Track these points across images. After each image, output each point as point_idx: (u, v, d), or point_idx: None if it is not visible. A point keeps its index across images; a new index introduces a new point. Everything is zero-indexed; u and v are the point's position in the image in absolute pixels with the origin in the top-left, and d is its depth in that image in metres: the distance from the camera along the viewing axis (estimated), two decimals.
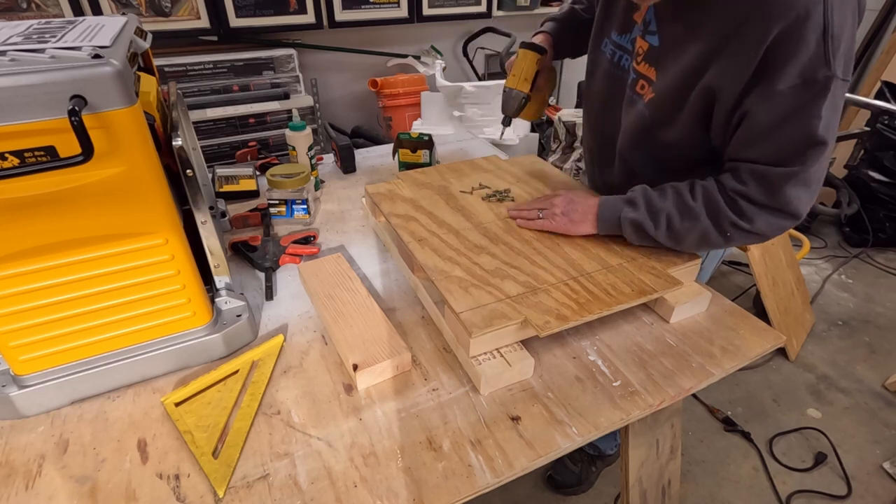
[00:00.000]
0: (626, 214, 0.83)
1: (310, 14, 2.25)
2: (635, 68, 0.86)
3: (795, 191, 0.73)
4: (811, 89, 0.66)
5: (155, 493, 0.59)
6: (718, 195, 0.77)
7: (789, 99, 0.67)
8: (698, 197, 0.79)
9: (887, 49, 2.85)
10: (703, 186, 0.79)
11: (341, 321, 0.79)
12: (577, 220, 0.88)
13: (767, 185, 0.73)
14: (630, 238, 0.85)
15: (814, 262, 2.60)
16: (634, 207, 0.82)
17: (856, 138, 2.50)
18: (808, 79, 0.66)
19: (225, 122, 2.17)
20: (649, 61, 0.83)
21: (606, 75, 0.95)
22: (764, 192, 0.74)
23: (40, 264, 0.60)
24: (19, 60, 0.52)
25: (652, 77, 0.83)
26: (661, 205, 0.81)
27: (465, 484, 0.60)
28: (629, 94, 0.89)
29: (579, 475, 1.50)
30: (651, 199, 0.82)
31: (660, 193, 0.82)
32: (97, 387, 0.70)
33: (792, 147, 0.70)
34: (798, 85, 0.66)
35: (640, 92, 0.86)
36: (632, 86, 0.88)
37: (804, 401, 1.83)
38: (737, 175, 0.76)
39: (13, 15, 1.84)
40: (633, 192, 0.85)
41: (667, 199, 0.81)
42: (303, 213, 1.10)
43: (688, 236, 0.80)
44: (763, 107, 0.69)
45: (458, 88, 1.87)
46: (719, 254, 1.07)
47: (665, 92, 0.81)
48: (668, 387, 0.72)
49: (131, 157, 0.58)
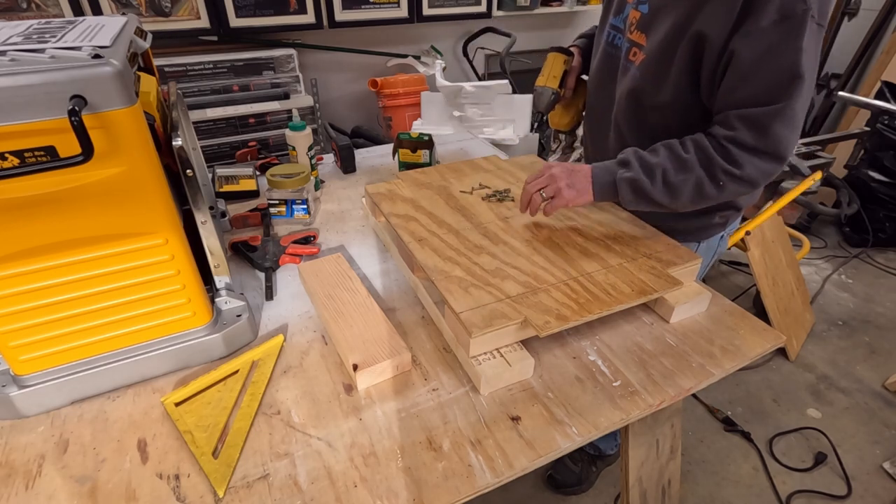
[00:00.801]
0: (621, 175, 0.83)
1: (310, 14, 2.25)
2: (628, 38, 0.92)
3: (782, 129, 0.76)
4: (790, 22, 0.71)
5: (155, 493, 0.59)
6: (709, 145, 0.80)
7: (771, 34, 0.72)
8: (690, 149, 0.81)
9: (887, 49, 2.85)
10: (693, 139, 0.82)
11: (341, 321, 0.79)
12: (581, 189, 0.86)
13: (756, 126, 0.76)
14: (627, 201, 0.84)
15: (814, 262, 2.60)
16: (628, 167, 0.83)
17: (856, 138, 2.50)
18: (786, 14, 0.70)
19: (225, 122, 2.17)
20: (640, 28, 0.88)
21: (602, 55, 1.01)
22: (753, 135, 0.76)
23: (40, 264, 0.60)
24: (19, 60, 0.52)
25: (642, 42, 0.88)
26: (654, 161, 0.82)
27: (465, 484, 0.60)
28: (623, 64, 0.94)
29: (580, 475, 1.51)
30: (643, 157, 0.83)
31: (651, 152, 0.84)
32: (97, 387, 0.70)
33: (776, 82, 0.74)
34: (778, 20, 0.71)
35: (632, 59, 0.91)
36: (625, 56, 0.93)
37: (804, 401, 1.83)
38: (726, 123, 0.79)
39: (13, 15, 1.84)
40: (625, 154, 0.85)
41: (659, 155, 0.82)
42: (303, 213, 1.10)
43: (684, 189, 0.81)
44: (747, 44, 0.73)
45: (458, 88, 1.87)
46: (712, 251, 1.09)
47: (655, 51, 0.85)
48: (668, 387, 0.72)
49: (131, 157, 0.58)
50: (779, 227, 2.10)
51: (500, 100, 1.91)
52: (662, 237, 0.91)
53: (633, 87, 0.91)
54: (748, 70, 0.75)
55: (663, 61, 0.84)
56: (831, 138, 2.35)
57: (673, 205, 0.84)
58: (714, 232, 1.06)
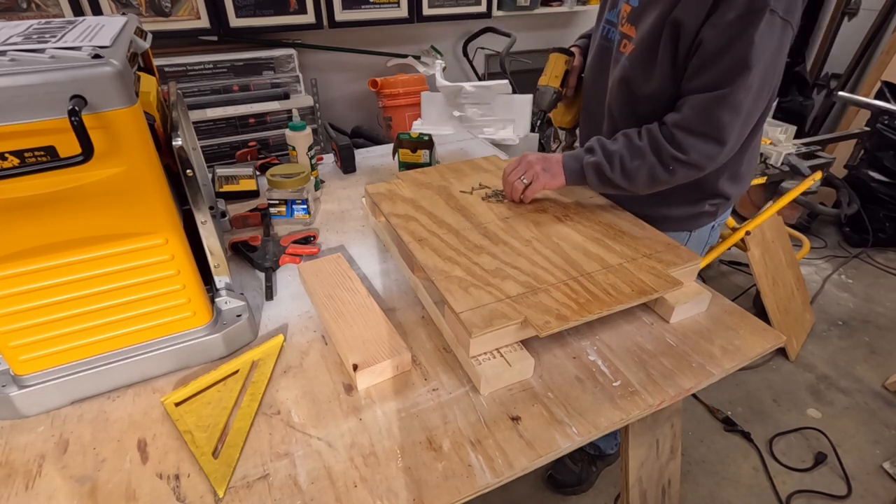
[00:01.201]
0: (587, 160, 0.92)
1: (310, 14, 2.25)
2: (620, 30, 0.96)
3: (724, 114, 0.81)
4: (751, 16, 0.76)
5: (155, 493, 0.59)
6: (659, 133, 0.87)
7: (734, 26, 0.77)
8: (644, 137, 0.88)
9: (887, 49, 2.85)
10: (648, 128, 0.89)
11: (341, 321, 0.79)
12: (555, 173, 0.96)
13: (700, 110, 0.82)
14: (593, 183, 0.94)
15: (814, 262, 2.60)
16: (592, 153, 0.92)
17: (856, 138, 2.50)
18: (751, 8, 0.76)
19: (225, 122, 2.17)
20: (630, 21, 0.92)
21: (597, 49, 1.05)
22: (697, 118, 0.83)
23: (40, 264, 0.60)
24: (19, 60, 0.52)
25: (632, 34, 0.92)
26: (613, 148, 0.90)
27: (465, 484, 0.60)
28: (615, 56, 0.98)
29: (580, 475, 1.51)
30: (605, 145, 0.92)
31: (612, 140, 0.92)
32: (97, 387, 0.70)
33: (725, 70, 0.79)
34: (742, 14, 0.76)
35: (623, 51, 0.95)
36: (617, 47, 0.97)
37: (804, 401, 1.83)
38: (678, 108, 0.86)
39: (13, 15, 1.83)
40: (591, 142, 0.94)
41: (618, 143, 0.91)
42: (303, 213, 1.10)
43: (639, 174, 0.89)
44: (713, 33, 0.79)
45: (458, 88, 1.87)
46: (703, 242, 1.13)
47: (642, 41, 0.89)
48: (668, 387, 0.72)
49: (131, 157, 0.58)
50: (779, 227, 2.10)
51: (500, 100, 1.91)
52: (662, 237, 0.91)
53: (623, 76, 0.95)
54: (708, 59, 0.80)
55: (649, 51, 0.88)
56: (831, 138, 2.34)
57: (631, 188, 0.91)
58: (705, 221, 1.09)
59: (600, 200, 1.04)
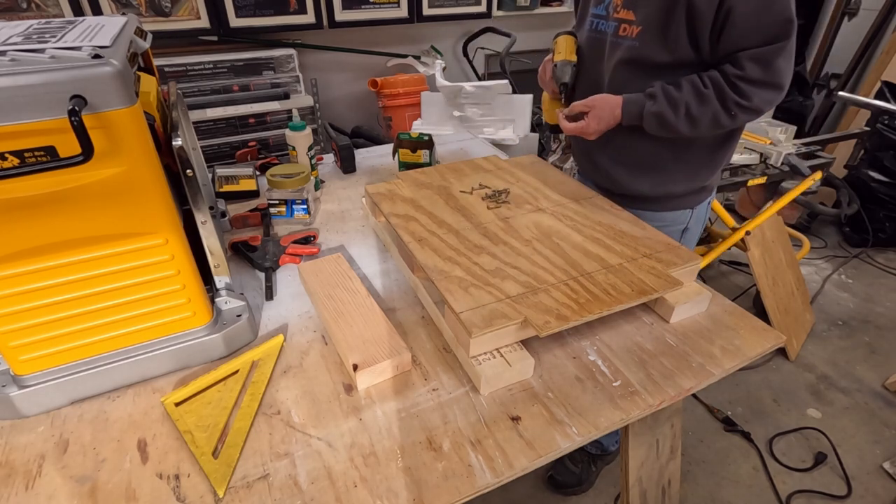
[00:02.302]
0: (648, 108, 0.95)
1: (310, 14, 2.25)
2: (615, 17, 0.99)
3: (783, 63, 0.89)
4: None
5: (155, 493, 0.59)
6: (723, 81, 0.91)
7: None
8: (709, 84, 0.92)
9: (887, 49, 2.85)
10: (710, 76, 0.92)
11: (341, 321, 0.79)
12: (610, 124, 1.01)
13: (762, 62, 0.88)
14: (651, 128, 0.97)
15: (814, 262, 2.60)
16: (654, 100, 0.95)
17: (856, 138, 2.50)
18: None
19: (225, 122, 2.17)
20: (626, 6, 0.96)
21: (587, 42, 1.09)
22: (760, 70, 0.88)
23: (40, 264, 0.60)
24: (19, 60, 0.52)
25: (631, 18, 0.96)
26: (678, 95, 0.93)
27: (465, 484, 0.60)
28: (612, 42, 1.01)
29: (580, 475, 1.51)
30: (669, 92, 0.94)
31: (676, 86, 0.94)
32: (97, 387, 0.70)
33: (776, 25, 0.86)
34: None
35: (624, 34, 0.98)
36: (614, 34, 1.01)
37: (804, 401, 1.83)
38: (736, 63, 0.90)
39: (13, 15, 1.84)
40: (653, 88, 0.96)
41: (683, 90, 0.93)
42: (303, 213, 1.10)
43: (702, 119, 0.93)
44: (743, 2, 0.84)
45: (458, 88, 1.87)
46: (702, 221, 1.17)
47: (651, 20, 0.93)
48: (668, 387, 0.72)
49: (131, 157, 0.58)
50: (779, 227, 2.10)
51: (500, 100, 1.91)
52: (662, 237, 0.91)
53: (630, 57, 0.98)
54: (748, 21, 0.86)
55: (661, 27, 0.93)
56: (831, 138, 2.34)
57: (692, 132, 0.96)
58: (704, 197, 1.15)
59: (600, 201, 1.04)
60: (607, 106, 0.99)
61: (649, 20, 0.94)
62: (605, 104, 0.99)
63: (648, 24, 0.94)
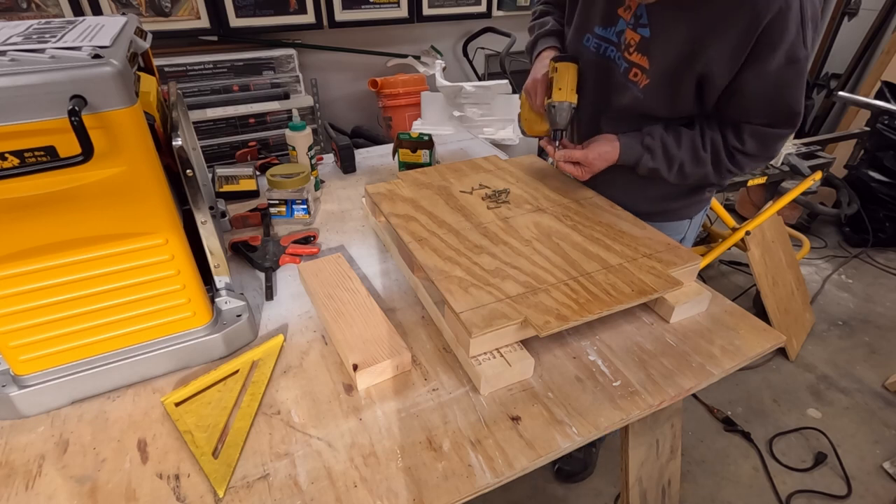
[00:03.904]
0: (645, 163, 0.96)
1: (310, 14, 2.25)
2: (627, 58, 0.94)
3: (780, 144, 0.92)
4: (794, 67, 0.81)
5: (155, 493, 0.59)
6: (722, 149, 0.93)
7: (778, 76, 0.82)
8: (707, 149, 0.93)
9: (887, 49, 2.85)
10: (713, 140, 0.93)
11: (341, 321, 0.79)
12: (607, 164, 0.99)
13: (763, 142, 0.91)
14: (641, 174, 0.98)
15: (814, 262, 2.60)
16: (652, 156, 0.95)
17: (856, 138, 2.50)
18: (791, 59, 0.80)
19: (225, 122, 2.17)
20: (641, 51, 0.91)
21: (593, 66, 1.01)
22: (758, 147, 0.91)
23: (40, 264, 0.60)
24: (19, 60, 0.52)
25: (644, 65, 0.92)
26: (675, 153, 0.94)
27: (465, 484, 0.60)
28: (620, 81, 0.96)
29: (584, 460, 1.56)
30: (668, 148, 0.94)
31: (675, 140, 0.94)
32: (97, 387, 0.70)
33: (783, 113, 0.87)
34: (783, 65, 0.80)
35: (634, 79, 0.94)
36: (623, 74, 0.96)
37: (804, 401, 1.83)
38: (738, 134, 0.91)
39: (13, 15, 1.83)
40: (651, 139, 0.95)
41: (681, 148, 0.93)
42: (303, 213, 1.10)
43: (693, 175, 0.96)
44: (757, 84, 0.83)
45: (458, 88, 1.87)
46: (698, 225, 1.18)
47: (660, 78, 0.90)
48: (668, 387, 0.72)
49: (131, 157, 0.58)
50: (779, 227, 2.10)
51: (500, 100, 1.90)
52: (662, 237, 0.91)
53: (635, 105, 0.96)
54: (758, 104, 0.86)
55: (669, 89, 0.91)
56: (831, 138, 2.34)
57: (678, 183, 0.99)
58: (702, 207, 1.15)
59: (600, 201, 1.04)
60: (602, 161, 0.98)
61: (658, 77, 0.90)
62: (601, 159, 0.97)
63: (657, 81, 0.91)
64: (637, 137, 0.96)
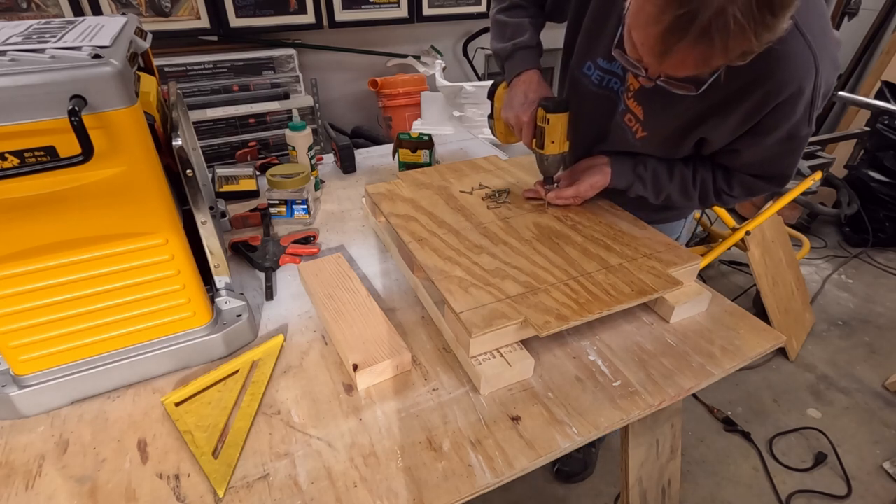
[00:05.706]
0: (635, 190, 0.96)
1: (310, 14, 2.25)
2: (626, 102, 0.91)
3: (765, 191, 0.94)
4: (793, 142, 0.82)
5: (155, 493, 0.59)
6: (711, 189, 0.94)
7: (776, 147, 0.83)
8: (697, 186, 0.94)
9: (887, 49, 2.85)
10: (703, 179, 0.94)
11: (341, 321, 0.79)
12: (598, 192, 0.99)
13: (750, 190, 0.93)
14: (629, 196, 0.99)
15: (814, 262, 2.60)
16: (644, 185, 0.96)
17: (856, 138, 2.50)
18: (792, 135, 0.80)
19: (225, 122, 2.16)
20: (638, 100, 0.89)
21: (593, 97, 0.95)
22: (745, 193, 0.94)
23: (40, 264, 0.60)
24: (19, 60, 0.52)
25: (639, 115, 0.89)
26: (665, 185, 0.95)
27: (465, 484, 0.60)
28: (618, 121, 0.94)
29: (584, 460, 1.56)
30: (659, 180, 0.95)
31: (668, 174, 0.94)
32: (97, 387, 0.70)
33: (774, 174, 0.89)
34: (783, 139, 0.81)
35: (629, 125, 0.92)
36: (621, 114, 0.93)
37: (804, 401, 1.84)
38: (728, 180, 0.93)
39: (13, 15, 1.83)
40: (644, 170, 0.95)
41: (672, 182, 0.94)
42: (303, 213, 1.10)
43: (678, 203, 0.98)
44: (753, 151, 0.85)
45: (458, 88, 1.87)
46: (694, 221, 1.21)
47: (657, 135, 0.90)
48: (668, 387, 0.72)
49: (131, 157, 0.58)
50: (779, 227, 2.10)
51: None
52: (662, 237, 0.91)
53: (630, 147, 0.95)
54: (752, 165, 0.89)
55: (666, 147, 0.92)
56: (831, 138, 2.35)
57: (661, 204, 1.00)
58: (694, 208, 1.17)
59: (600, 201, 1.04)
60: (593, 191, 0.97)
61: (654, 137, 0.90)
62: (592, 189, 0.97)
63: (653, 139, 0.90)
64: (629, 164, 0.95)
